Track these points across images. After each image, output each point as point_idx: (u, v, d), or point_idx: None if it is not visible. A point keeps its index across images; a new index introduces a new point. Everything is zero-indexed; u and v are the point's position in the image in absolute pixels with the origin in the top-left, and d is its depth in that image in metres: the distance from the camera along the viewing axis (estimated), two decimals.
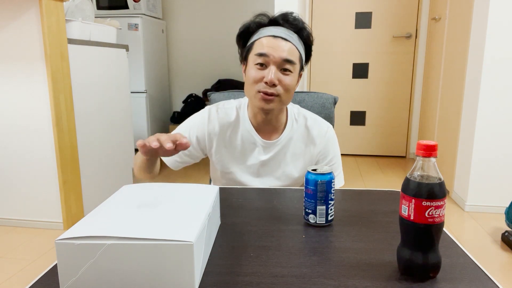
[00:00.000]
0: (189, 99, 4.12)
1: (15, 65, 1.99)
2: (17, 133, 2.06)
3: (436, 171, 0.53)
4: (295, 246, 0.65)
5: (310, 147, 1.08)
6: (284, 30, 0.97)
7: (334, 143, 1.11)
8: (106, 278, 0.51)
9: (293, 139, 1.08)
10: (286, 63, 0.95)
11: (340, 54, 3.55)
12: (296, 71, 0.99)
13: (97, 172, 2.36)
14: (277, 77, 0.95)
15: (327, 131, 1.09)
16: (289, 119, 1.08)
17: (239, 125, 1.08)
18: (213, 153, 1.09)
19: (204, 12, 4.13)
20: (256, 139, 1.07)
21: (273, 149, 1.07)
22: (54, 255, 1.83)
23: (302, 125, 1.09)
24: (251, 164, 1.08)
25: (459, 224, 2.17)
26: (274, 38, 0.96)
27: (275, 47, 0.95)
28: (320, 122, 1.10)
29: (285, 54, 0.95)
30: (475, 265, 0.59)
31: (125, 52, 2.63)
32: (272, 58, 0.95)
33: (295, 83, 1.00)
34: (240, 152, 1.08)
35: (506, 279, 1.63)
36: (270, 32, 0.97)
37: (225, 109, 1.09)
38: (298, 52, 0.98)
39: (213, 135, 1.08)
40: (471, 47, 2.32)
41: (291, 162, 1.08)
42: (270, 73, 0.94)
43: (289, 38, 0.96)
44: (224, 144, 1.08)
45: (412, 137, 3.57)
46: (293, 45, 0.97)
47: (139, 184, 0.72)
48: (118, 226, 0.54)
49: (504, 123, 2.21)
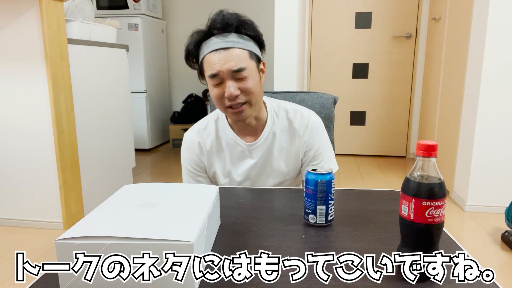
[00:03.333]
0: (189, 99, 4.12)
1: (15, 65, 1.99)
2: (17, 133, 2.06)
3: (436, 171, 0.53)
4: (295, 246, 0.65)
5: (295, 139, 1.07)
6: (221, 38, 0.94)
7: (319, 132, 1.09)
8: (106, 278, 0.51)
9: (277, 134, 1.07)
10: (237, 72, 0.93)
11: (340, 54, 3.55)
12: (252, 71, 0.96)
13: (97, 172, 2.36)
14: (235, 89, 0.94)
15: (309, 121, 1.07)
16: (269, 115, 1.07)
17: (222, 135, 1.08)
18: (209, 170, 1.12)
19: (204, 12, 4.12)
20: (240, 144, 1.07)
21: (259, 150, 1.07)
22: (54, 255, 1.83)
23: (283, 118, 1.08)
24: (244, 169, 1.08)
25: (459, 224, 2.17)
26: (216, 52, 0.93)
27: (220, 61, 0.93)
28: (302, 113, 1.08)
29: (233, 64, 0.93)
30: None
31: (125, 52, 2.63)
32: (222, 74, 0.93)
33: (257, 82, 0.98)
34: (230, 162, 1.09)
35: (506, 279, 1.63)
36: (210, 47, 0.94)
37: (204, 129, 1.10)
38: (245, 51, 0.95)
39: (203, 157, 1.10)
40: (471, 47, 2.32)
41: (279, 157, 1.08)
42: (227, 89, 0.94)
43: (230, 44, 0.93)
44: (215, 159, 1.10)
45: (412, 137, 3.57)
46: (237, 49, 0.94)
47: (139, 184, 0.72)
48: (118, 226, 0.54)
49: (504, 123, 2.21)
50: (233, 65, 0.93)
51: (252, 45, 0.98)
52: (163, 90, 4.27)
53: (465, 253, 0.63)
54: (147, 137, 3.91)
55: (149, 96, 3.89)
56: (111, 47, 2.46)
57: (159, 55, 4.12)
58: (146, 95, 3.84)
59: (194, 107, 4.08)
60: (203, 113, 4.00)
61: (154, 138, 4.05)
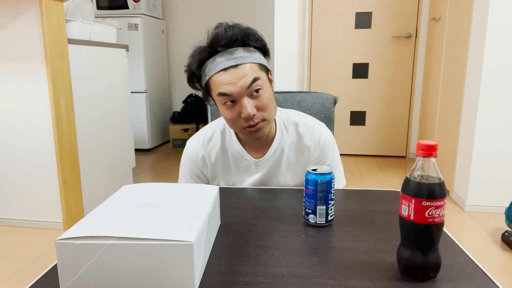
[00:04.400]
0: (189, 99, 4.12)
1: (15, 65, 1.99)
2: (17, 133, 2.06)
3: (436, 171, 0.53)
4: (295, 246, 0.65)
5: (305, 154, 1.03)
6: (228, 56, 0.87)
7: (330, 147, 1.04)
8: (106, 278, 0.51)
9: (285, 149, 1.02)
10: (252, 86, 0.87)
11: (340, 54, 3.55)
12: (264, 82, 0.91)
13: (97, 172, 2.36)
14: (252, 108, 0.88)
15: (320, 136, 1.02)
16: (278, 128, 1.02)
17: (228, 148, 1.03)
18: (211, 182, 1.07)
19: (204, 12, 4.13)
20: (247, 158, 1.02)
21: (266, 165, 1.03)
22: (54, 255, 1.83)
23: (293, 133, 1.03)
24: (249, 183, 1.05)
25: (459, 224, 2.17)
26: (224, 71, 0.86)
27: (232, 81, 0.86)
28: (312, 127, 1.03)
29: (247, 79, 0.86)
30: (475, 265, 0.59)
31: (125, 52, 2.63)
32: (236, 94, 0.87)
33: (270, 95, 0.92)
34: (235, 175, 1.05)
35: (506, 279, 1.63)
36: (217, 67, 0.87)
37: (209, 140, 1.04)
38: (255, 64, 0.89)
39: (206, 170, 1.05)
40: (471, 47, 2.32)
41: (287, 172, 1.04)
42: (245, 109, 0.87)
43: (239, 60, 0.87)
44: (219, 172, 1.05)
45: (412, 137, 3.57)
46: (246, 64, 0.87)
47: (139, 184, 0.72)
48: (118, 226, 0.54)
49: (504, 123, 2.21)
50: (248, 80, 0.87)
51: (259, 56, 0.92)
52: (163, 90, 4.27)
53: (465, 253, 0.63)
54: (147, 137, 3.91)
55: (149, 96, 3.89)
56: (111, 47, 2.46)
57: (159, 55, 4.12)
58: (146, 95, 3.84)
59: (194, 107, 4.08)
60: (203, 113, 4.00)
61: (154, 138, 4.05)
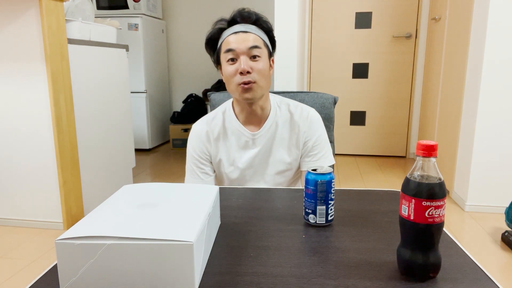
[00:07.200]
0: (189, 99, 4.12)
1: (15, 65, 1.99)
2: (17, 133, 2.06)
3: (436, 171, 0.53)
4: (295, 246, 0.65)
5: (295, 129, 1.15)
6: (242, 26, 1.06)
7: (317, 124, 1.16)
8: (106, 278, 0.51)
9: (279, 124, 1.14)
10: (252, 49, 1.04)
11: (340, 54, 3.55)
12: (264, 55, 1.07)
13: (97, 172, 2.36)
14: (249, 65, 1.03)
15: (308, 114, 1.15)
16: (272, 107, 1.16)
17: (228, 125, 1.15)
18: (214, 158, 1.16)
19: (204, 12, 4.13)
20: (245, 133, 1.14)
21: (262, 139, 1.13)
22: (54, 255, 1.83)
23: (285, 111, 1.16)
24: (247, 158, 1.14)
25: (459, 224, 2.17)
26: (236, 34, 1.05)
27: (239, 41, 1.04)
28: (302, 106, 1.17)
29: (250, 42, 1.04)
30: (475, 265, 0.59)
31: (125, 52, 2.63)
32: (239, 50, 1.04)
33: (267, 68, 1.08)
34: (235, 150, 1.15)
35: (506, 279, 1.63)
36: (231, 30, 1.06)
37: (212, 119, 1.17)
38: (261, 39, 1.07)
39: (210, 145, 1.16)
40: (471, 47, 2.32)
41: (281, 147, 1.14)
42: (241, 63, 1.03)
43: (249, 30, 1.06)
44: (220, 147, 1.16)
45: (412, 137, 3.57)
46: (254, 34, 1.06)
47: (139, 184, 0.72)
48: (118, 226, 0.54)
49: (504, 123, 2.21)
50: (250, 43, 1.04)
51: (266, 39, 1.10)
52: (163, 90, 4.27)
53: (465, 253, 0.63)
54: (147, 137, 3.91)
55: (149, 96, 3.89)
56: (111, 47, 2.46)
57: (159, 55, 4.12)
58: (146, 95, 3.84)
59: (194, 107, 4.08)
60: (203, 113, 4.00)
61: (154, 138, 4.05)
